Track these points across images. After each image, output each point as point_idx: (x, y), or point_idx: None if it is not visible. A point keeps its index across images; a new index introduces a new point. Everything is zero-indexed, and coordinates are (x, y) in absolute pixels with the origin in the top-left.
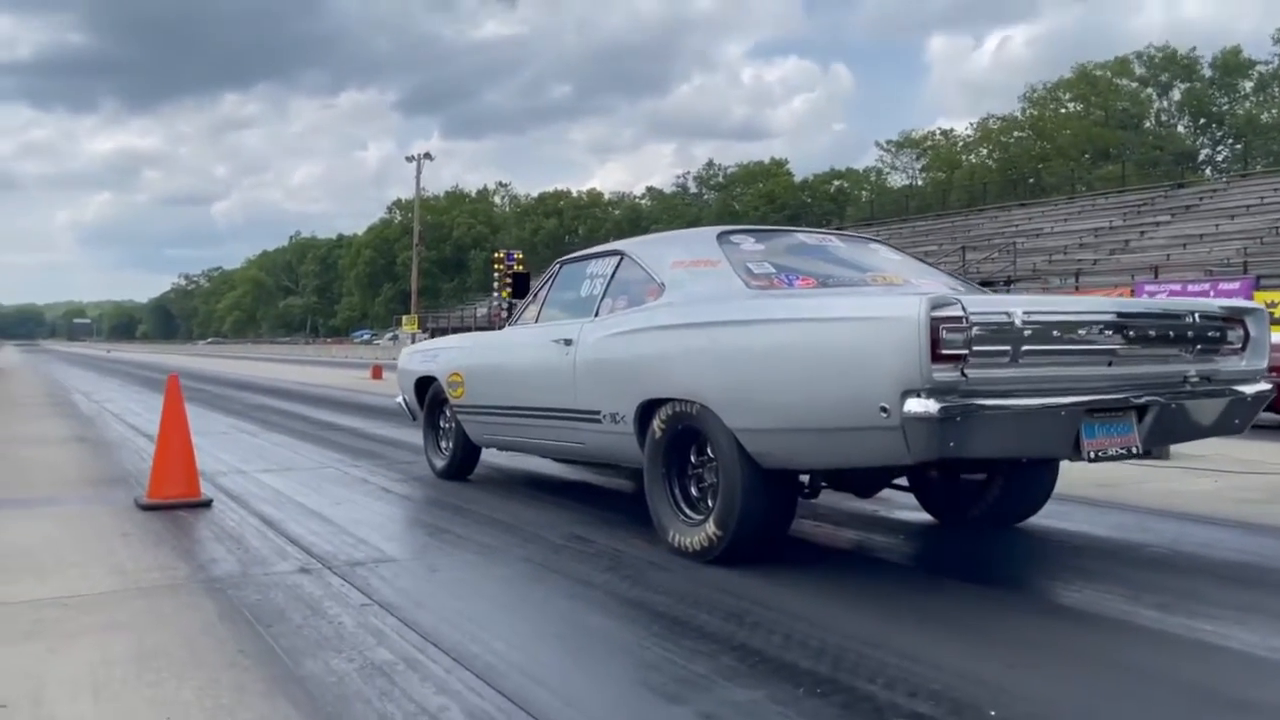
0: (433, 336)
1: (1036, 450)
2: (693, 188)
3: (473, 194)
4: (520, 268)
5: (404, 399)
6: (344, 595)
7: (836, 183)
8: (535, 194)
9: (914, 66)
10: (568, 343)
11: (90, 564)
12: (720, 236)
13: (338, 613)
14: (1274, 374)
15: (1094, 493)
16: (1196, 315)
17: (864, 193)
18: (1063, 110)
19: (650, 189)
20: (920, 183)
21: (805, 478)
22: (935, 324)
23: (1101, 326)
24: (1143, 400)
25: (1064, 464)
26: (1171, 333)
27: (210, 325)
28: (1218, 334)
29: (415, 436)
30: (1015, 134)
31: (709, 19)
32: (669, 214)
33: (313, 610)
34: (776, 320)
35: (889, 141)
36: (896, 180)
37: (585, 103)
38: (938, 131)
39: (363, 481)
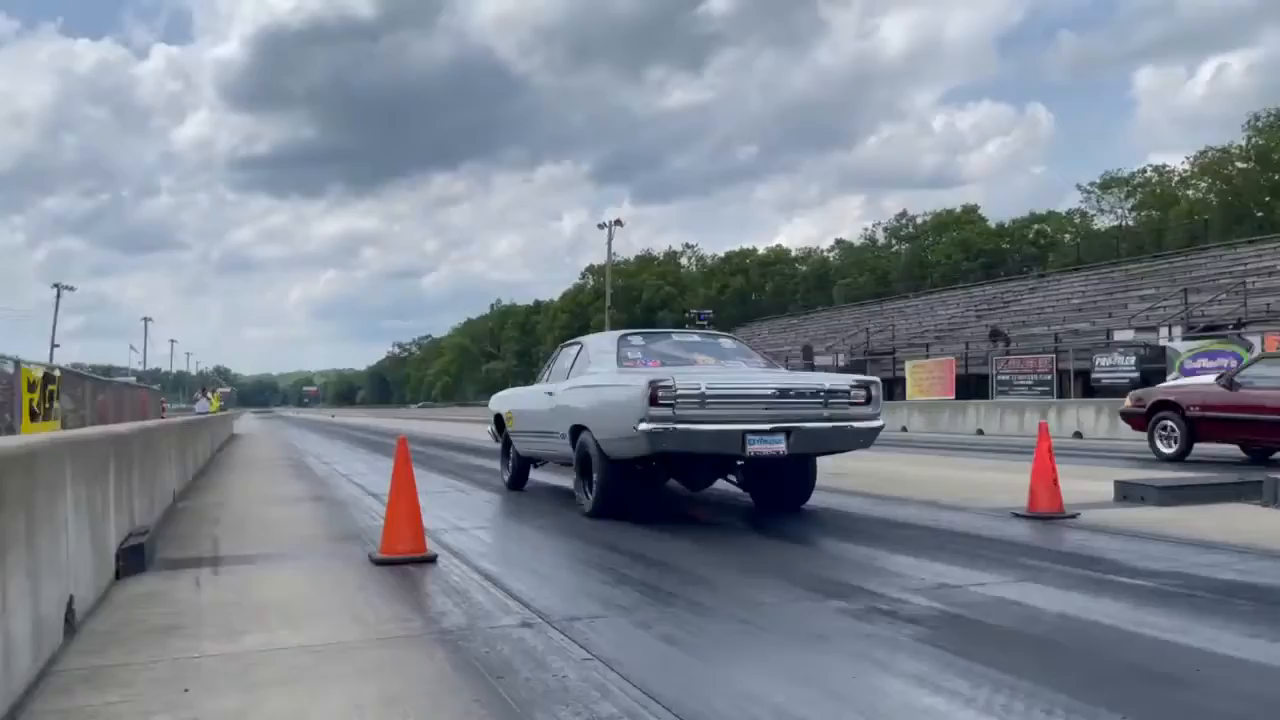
0: None
1: (720, 449)
2: (882, 239)
3: (661, 256)
4: (710, 326)
5: (490, 429)
6: (565, 649)
7: (1036, 227)
8: (722, 253)
9: (1119, 102)
10: (550, 394)
11: (334, 615)
12: (620, 338)
13: (561, 666)
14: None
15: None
16: (825, 385)
17: (1067, 236)
18: None
19: (839, 242)
20: (1130, 223)
21: (659, 472)
22: (653, 388)
23: (760, 393)
24: (785, 426)
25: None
26: (808, 394)
27: (421, 390)
28: (844, 395)
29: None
30: (1238, 165)
31: (896, 69)
32: (858, 267)
33: (537, 664)
34: (612, 385)
35: (1090, 184)
36: (1103, 222)
37: (771, 161)
38: (1149, 168)
39: (574, 538)
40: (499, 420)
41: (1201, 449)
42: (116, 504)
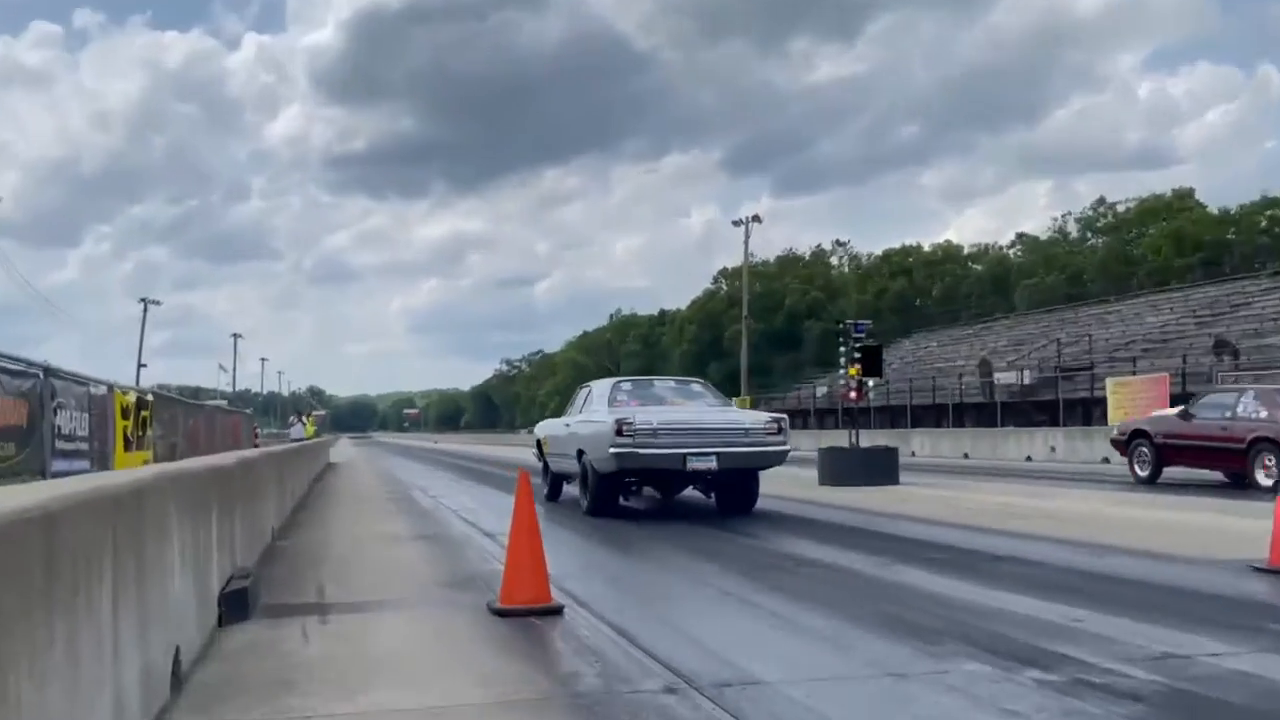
0: None
1: (668, 466)
2: (1074, 232)
3: (807, 256)
4: (867, 338)
5: (535, 451)
6: None
7: (1269, 213)
8: (879, 251)
9: None
10: (567, 425)
11: (453, 673)
12: (614, 385)
13: None
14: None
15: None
16: (745, 423)
17: None
18: None
19: (1021, 236)
20: None
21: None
22: (618, 424)
23: (698, 427)
24: (715, 450)
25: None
26: (733, 429)
27: (531, 412)
28: (760, 429)
29: (764, 537)
30: None
31: (1092, 27)
32: (1045, 265)
33: None
34: (598, 420)
35: None
36: None
37: (937, 141)
38: None
39: (715, 589)
40: (539, 445)
41: (1172, 473)
42: (219, 544)
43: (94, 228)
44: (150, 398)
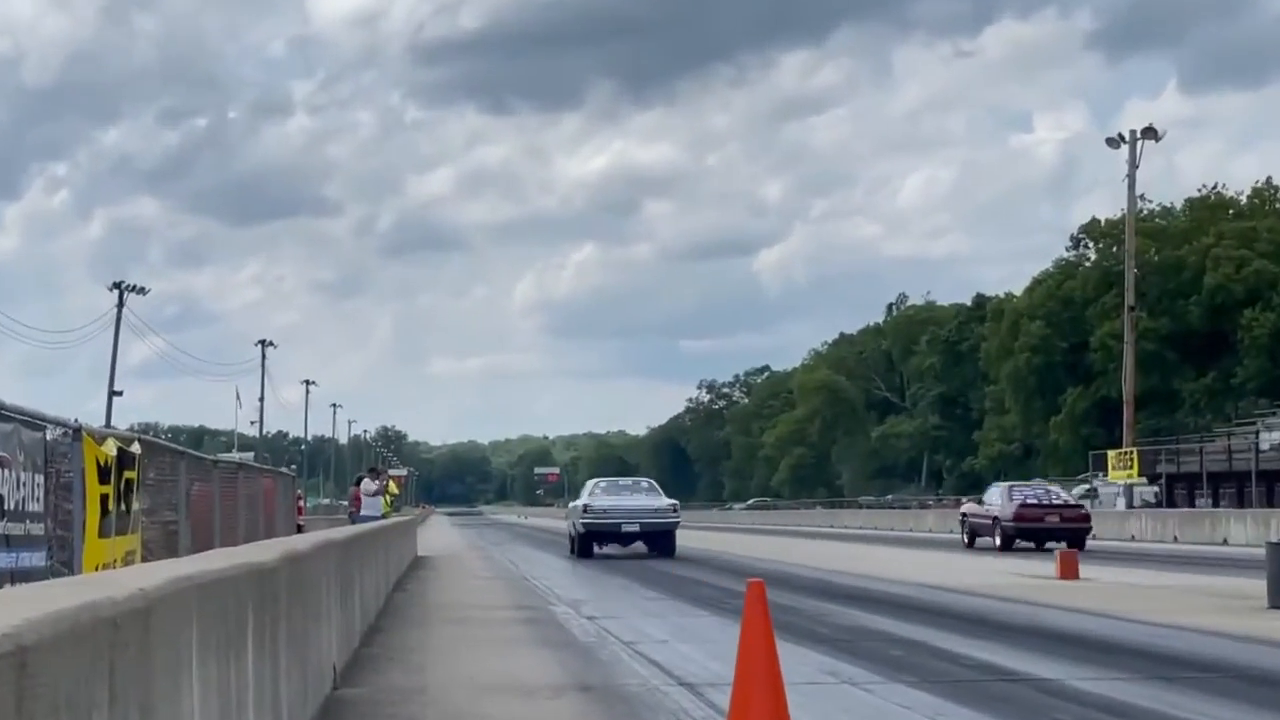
0: (1153, 482)
1: (612, 529)
2: None
3: (1243, 199)
4: None
5: (567, 522)
6: None
7: None
8: None
9: None
10: (572, 506)
11: None
12: (594, 484)
13: None
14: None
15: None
16: (657, 506)
17: None
18: None
19: None
20: None
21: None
22: (585, 508)
23: (629, 509)
24: (639, 521)
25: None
26: (650, 509)
27: (751, 471)
28: (667, 510)
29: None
30: None
31: None
32: None
33: None
34: (578, 505)
35: None
36: None
37: None
38: None
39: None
40: (570, 514)
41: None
42: (255, 692)
43: (42, 168)
44: (137, 448)
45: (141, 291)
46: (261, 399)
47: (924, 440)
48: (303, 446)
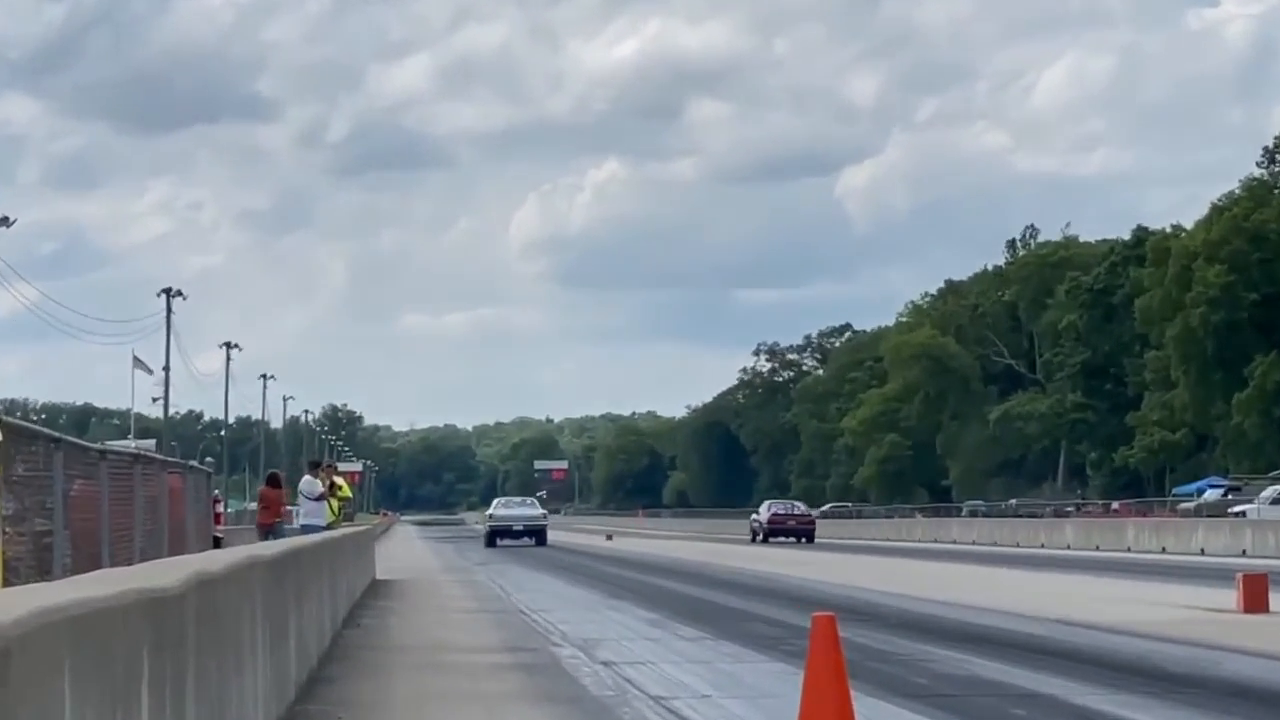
0: None
1: (507, 528)
2: None
3: None
4: None
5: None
6: None
7: None
8: None
9: None
10: (485, 514)
11: None
12: (497, 501)
13: None
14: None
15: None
16: (531, 516)
17: None
18: None
19: None
20: None
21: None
22: (490, 517)
23: (517, 515)
24: (523, 523)
25: None
26: (530, 515)
27: (828, 469)
28: (539, 516)
29: None
30: None
31: None
32: None
33: None
34: (488, 513)
35: None
36: None
37: None
38: None
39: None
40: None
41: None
42: None
43: None
44: None
45: (6, 222)
46: (167, 368)
47: (1060, 425)
48: (222, 433)
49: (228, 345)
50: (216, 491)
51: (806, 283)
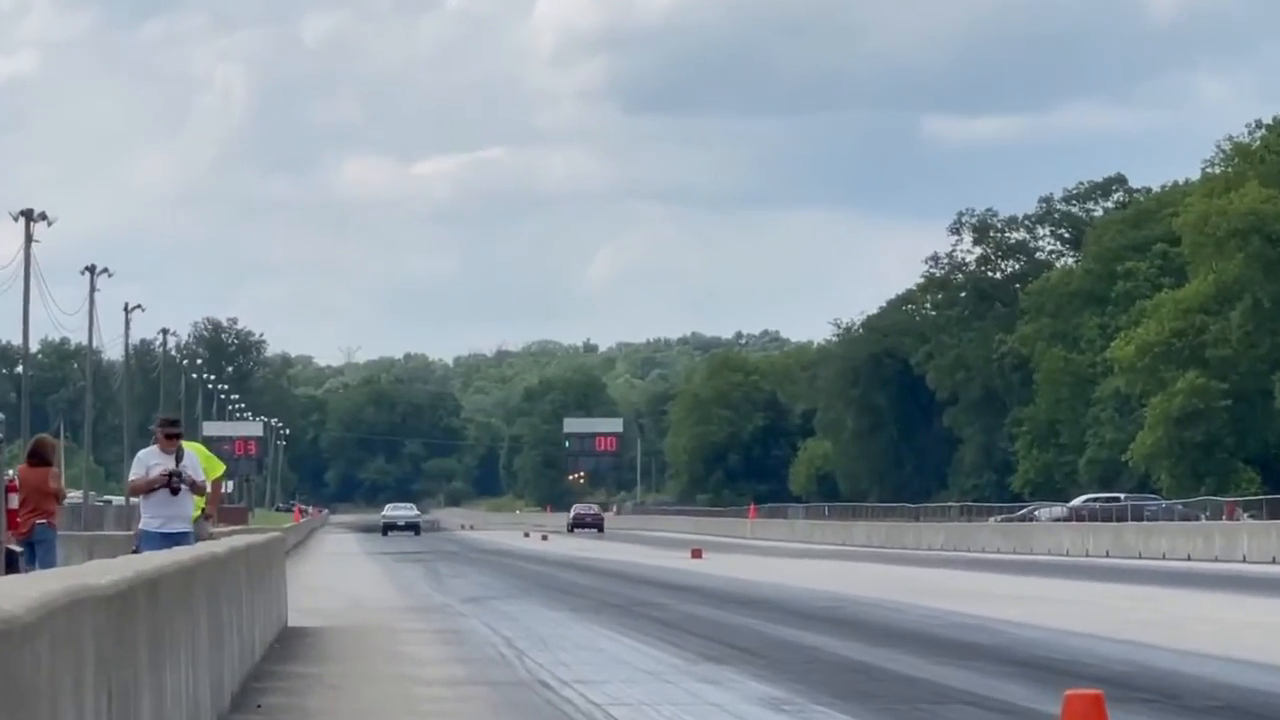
0: None
1: (397, 523)
2: None
3: None
4: None
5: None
6: None
7: None
8: None
9: None
10: (380, 514)
11: None
12: (388, 505)
13: None
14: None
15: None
16: (413, 513)
17: None
18: None
19: None
20: None
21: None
22: (384, 517)
23: (404, 516)
24: (407, 519)
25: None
26: (410, 515)
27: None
28: (419, 516)
29: None
30: None
31: None
32: None
33: None
34: (383, 513)
35: None
36: None
37: None
38: None
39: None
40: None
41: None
42: None
43: None
44: None
45: None
46: None
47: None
48: (19, 368)
49: (27, 215)
50: (9, 472)
51: (1047, 106)
